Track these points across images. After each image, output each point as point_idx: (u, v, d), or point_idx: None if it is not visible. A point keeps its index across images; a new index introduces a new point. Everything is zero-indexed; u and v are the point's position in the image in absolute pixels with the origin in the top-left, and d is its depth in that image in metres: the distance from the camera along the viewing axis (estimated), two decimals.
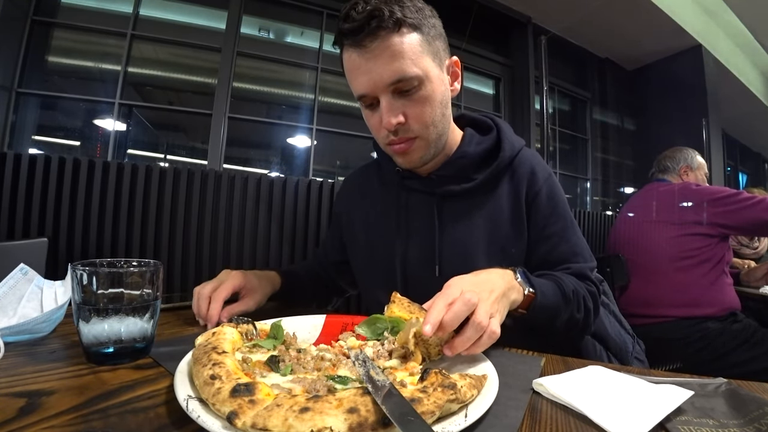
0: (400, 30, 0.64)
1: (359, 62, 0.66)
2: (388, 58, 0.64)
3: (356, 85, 0.70)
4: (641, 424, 0.36)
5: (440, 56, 0.71)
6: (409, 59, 0.65)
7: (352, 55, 0.67)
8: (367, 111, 0.73)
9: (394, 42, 0.64)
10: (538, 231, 0.77)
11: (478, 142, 0.80)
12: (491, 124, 0.84)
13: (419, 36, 0.66)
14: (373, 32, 0.63)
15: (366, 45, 0.64)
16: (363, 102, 0.72)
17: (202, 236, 1.74)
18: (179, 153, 2.81)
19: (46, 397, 0.37)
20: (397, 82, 0.66)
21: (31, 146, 2.34)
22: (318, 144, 2.89)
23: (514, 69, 3.77)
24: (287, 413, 0.30)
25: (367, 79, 0.67)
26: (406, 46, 0.65)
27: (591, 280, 0.76)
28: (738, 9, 4.02)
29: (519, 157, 0.80)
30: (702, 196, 1.58)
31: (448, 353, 0.48)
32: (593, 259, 0.79)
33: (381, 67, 0.65)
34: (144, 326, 0.49)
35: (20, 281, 0.62)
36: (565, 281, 0.69)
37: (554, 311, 0.66)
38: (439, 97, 0.70)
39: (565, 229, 0.78)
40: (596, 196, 4.37)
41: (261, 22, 2.91)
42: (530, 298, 0.62)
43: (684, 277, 1.55)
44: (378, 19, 0.63)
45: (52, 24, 2.38)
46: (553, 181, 0.80)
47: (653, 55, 4.19)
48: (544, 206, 0.77)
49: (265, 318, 0.60)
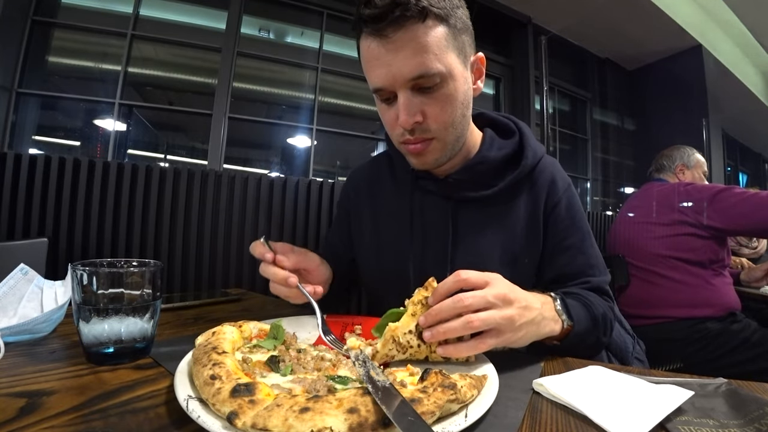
0: (425, 21, 0.59)
1: (379, 53, 0.61)
2: (410, 51, 0.59)
3: (373, 78, 0.64)
4: (641, 424, 0.36)
5: (465, 52, 0.66)
6: (432, 54, 0.60)
7: (372, 44, 0.62)
8: (383, 105, 0.68)
9: (418, 34, 0.59)
10: (557, 243, 0.75)
11: (499, 147, 0.76)
12: (513, 128, 0.80)
13: (445, 28, 0.61)
14: (396, 21, 0.58)
15: (388, 35, 0.59)
16: (379, 95, 0.67)
17: (202, 236, 1.74)
18: (179, 153, 2.82)
19: (47, 397, 0.37)
20: (417, 78, 0.61)
21: (31, 146, 2.35)
22: (318, 144, 2.89)
23: (514, 69, 3.77)
24: (287, 413, 0.30)
25: (386, 72, 0.62)
26: (431, 39, 0.60)
27: (609, 295, 0.74)
28: (738, 9, 4.03)
29: (540, 166, 0.77)
30: (694, 194, 1.57)
31: (426, 335, 0.47)
32: (607, 271, 0.77)
33: (402, 61, 0.60)
34: (144, 326, 0.49)
35: (20, 281, 0.62)
36: (594, 305, 0.66)
37: (584, 338, 0.63)
38: (461, 96, 0.66)
39: (582, 240, 0.75)
40: (596, 196, 4.37)
41: (261, 22, 2.91)
42: (567, 330, 0.59)
43: (681, 277, 1.54)
44: (402, 7, 0.57)
45: (52, 24, 2.38)
46: (572, 192, 0.78)
47: (653, 55, 4.19)
48: (562, 218, 0.75)
49: (265, 318, 0.60)
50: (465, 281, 0.49)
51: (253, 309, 0.83)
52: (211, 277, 1.74)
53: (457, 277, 0.49)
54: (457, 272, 0.49)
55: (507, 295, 0.49)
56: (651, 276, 1.61)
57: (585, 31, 3.84)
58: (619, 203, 4.41)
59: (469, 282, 0.49)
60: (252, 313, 0.80)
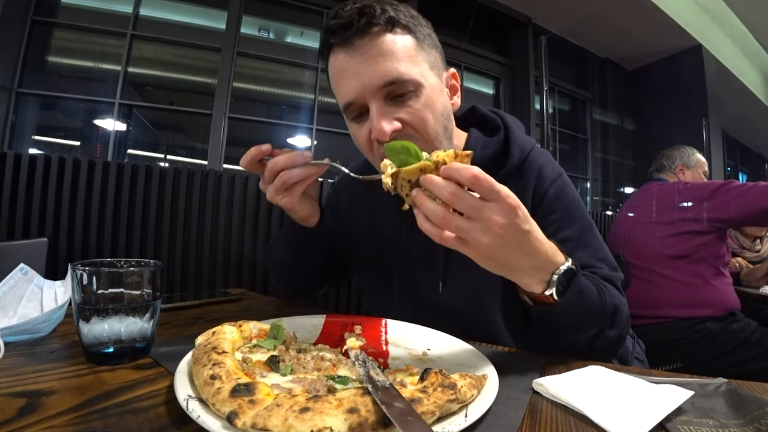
0: (393, 29, 0.58)
1: (346, 63, 0.59)
2: (379, 58, 0.57)
3: (342, 92, 0.61)
4: (641, 424, 0.36)
5: (438, 66, 0.64)
6: (403, 60, 0.58)
7: (339, 56, 0.60)
8: (354, 124, 0.64)
9: (386, 41, 0.58)
10: (549, 237, 0.69)
11: (483, 146, 0.72)
12: (499, 123, 0.75)
13: (414, 39, 0.60)
14: (362, 29, 0.57)
15: (354, 43, 0.58)
16: (349, 114, 0.63)
17: (202, 236, 1.74)
18: (179, 153, 2.82)
19: (46, 397, 0.37)
20: (389, 84, 0.58)
21: (31, 146, 2.35)
22: (318, 144, 2.90)
23: (514, 69, 3.78)
24: (287, 413, 0.30)
25: (356, 82, 0.59)
26: (400, 47, 0.58)
27: (622, 293, 0.67)
28: (738, 9, 4.03)
29: (528, 160, 0.72)
30: (693, 192, 1.58)
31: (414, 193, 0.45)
32: (619, 269, 0.70)
33: (371, 68, 0.57)
34: (144, 326, 0.49)
35: (20, 281, 0.62)
36: (608, 293, 0.60)
37: (580, 322, 0.56)
38: (439, 107, 0.62)
39: (582, 232, 0.69)
40: (596, 196, 4.37)
41: (261, 22, 2.91)
42: (548, 300, 0.52)
43: (681, 277, 1.54)
44: (369, 16, 0.57)
45: (52, 24, 2.39)
46: (563, 182, 0.72)
47: (653, 55, 4.20)
48: (552, 209, 0.69)
49: (265, 318, 0.60)
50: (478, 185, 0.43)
51: (253, 309, 0.83)
52: (211, 277, 1.74)
53: (474, 178, 0.43)
54: (477, 174, 0.43)
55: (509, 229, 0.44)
56: (651, 276, 1.61)
57: (585, 31, 3.84)
58: (619, 203, 4.41)
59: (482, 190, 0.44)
60: (252, 313, 0.79)
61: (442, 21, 3.56)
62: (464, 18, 3.35)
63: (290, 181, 0.58)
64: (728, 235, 1.83)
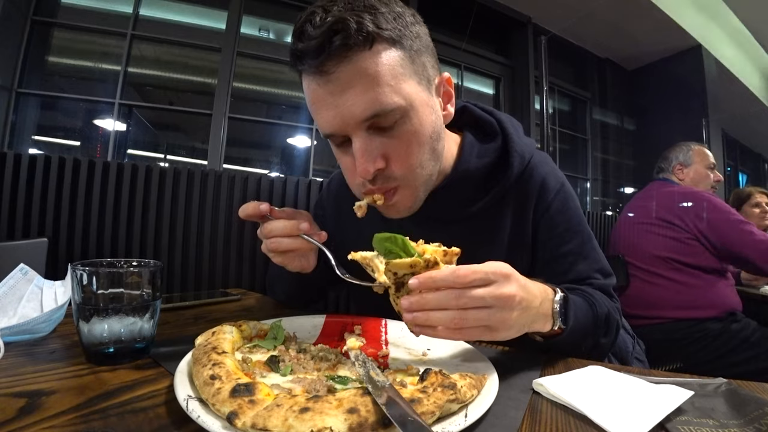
0: (373, 47, 0.50)
1: (322, 94, 0.52)
2: (360, 88, 0.50)
3: (321, 122, 0.55)
4: (641, 424, 0.36)
5: (428, 75, 0.57)
6: (387, 86, 0.51)
7: (312, 84, 0.53)
8: (338, 150, 0.59)
9: (366, 64, 0.50)
10: (551, 250, 0.68)
11: (479, 155, 0.68)
12: (496, 128, 0.71)
13: (399, 52, 0.52)
14: (337, 53, 0.49)
15: (329, 70, 0.50)
16: (331, 141, 0.58)
17: (202, 236, 1.74)
18: (179, 153, 2.82)
19: (46, 397, 0.37)
20: (372, 117, 0.52)
21: (31, 146, 2.35)
22: (318, 144, 2.89)
23: (514, 69, 3.78)
24: (287, 413, 0.30)
25: (334, 114, 0.52)
26: (383, 68, 0.50)
27: (615, 298, 0.69)
28: (738, 9, 4.03)
29: (528, 169, 0.69)
30: (697, 201, 1.58)
31: (407, 317, 0.44)
32: (613, 274, 0.71)
33: (351, 100, 0.50)
34: (144, 326, 0.49)
35: (20, 281, 0.62)
36: (598, 303, 0.61)
37: (579, 339, 0.57)
38: (428, 129, 0.57)
39: (582, 245, 0.69)
40: (596, 196, 4.37)
41: (261, 22, 2.91)
42: (557, 332, 0.54)
43: (683, 279, 1.55)
44: (343, 35, 0.48)
45: (52, 24, 2.39)
46: (566, 193, 0.70)
47: (653, 55, 4.20)
48: (555, 223, 0.68)
49: (265, 318, 0.60)
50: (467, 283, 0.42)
51: (253, 309, 0.83)
52: (211, 277, 1.74)
53: (457, 277, 0.42)
54: (457, 270, 0.43)
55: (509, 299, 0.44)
56: (652, 277, 1.61)
57: (585, 31, 3.84)
58: (619, 203, 4.41)
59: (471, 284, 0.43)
60: (252, 313, 0.79)
61: (441, 21, 3.58)
62: (464, 18, 3.35)
63: (280, 249, 0.60)
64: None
